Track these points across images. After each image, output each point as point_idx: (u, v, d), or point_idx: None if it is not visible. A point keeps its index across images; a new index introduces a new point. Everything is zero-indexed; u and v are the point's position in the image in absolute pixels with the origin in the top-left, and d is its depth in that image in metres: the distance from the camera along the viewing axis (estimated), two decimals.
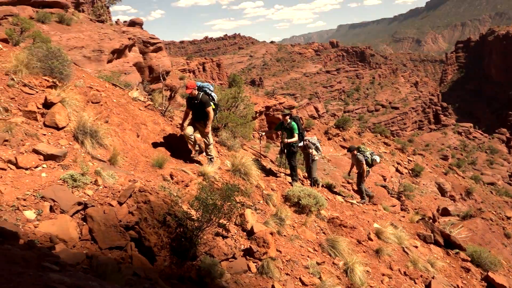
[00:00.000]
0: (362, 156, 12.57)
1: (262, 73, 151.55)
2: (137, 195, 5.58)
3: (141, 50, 39.48)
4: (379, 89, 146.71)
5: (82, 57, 27.97)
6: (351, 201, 12.28)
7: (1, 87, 6.99)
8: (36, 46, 9.00)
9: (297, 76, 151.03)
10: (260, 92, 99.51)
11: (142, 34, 41.82)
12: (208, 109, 8.63)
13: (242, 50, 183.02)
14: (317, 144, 12.46)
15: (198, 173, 8.07)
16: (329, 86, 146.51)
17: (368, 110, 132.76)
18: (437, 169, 44.30)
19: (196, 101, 8.73)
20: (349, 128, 44.52)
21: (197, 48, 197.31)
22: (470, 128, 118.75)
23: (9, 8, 26.75)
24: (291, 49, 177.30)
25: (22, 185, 5.25)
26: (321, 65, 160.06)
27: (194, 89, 8.70)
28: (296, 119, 11.13)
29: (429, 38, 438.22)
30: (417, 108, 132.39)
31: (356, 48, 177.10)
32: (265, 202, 8.68)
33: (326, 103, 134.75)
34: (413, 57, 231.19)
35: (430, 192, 32.58)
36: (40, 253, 3.45)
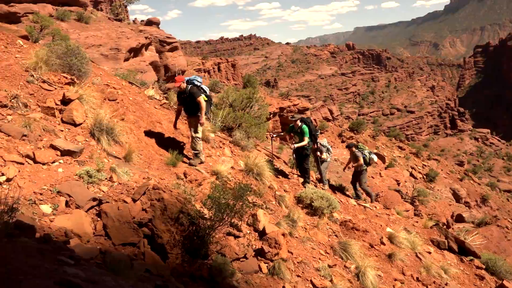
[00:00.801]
0: (361, 153, 12.46)
1: (277, 74, 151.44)
2: (151, 193, 5.63)
3: (157, 49, 39.83)
4: (395, 92, 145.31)
5: (100, 55, 28.34)
6: (364, 204, 12.17)
7: (21, 83, 7.12)
8: (56, 43, 9.16)
9: (312, 78, 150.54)
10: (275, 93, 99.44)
11: (159, 33, 42.18)
12: (198, 99, 8.23)
13: (257, 51, 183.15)
14: (328, 146, 12.44)
15: (211, 172, 8.10)
16: (344, 89, 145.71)
17: (383, 113, 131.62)
18: (452, 175, 43.71)
19: (185, 94, 8.42)
20: (363, 131, 44.28)
21: (212, 48, 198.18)
22: (487, 134, 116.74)
23: (30, 6, 27.28)
24: (307, 50, 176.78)
25: (39, 179, 5.34)
26: (337, 67, 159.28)
27: (182, 82, 8.39)
28: (307, 122, 10.93)
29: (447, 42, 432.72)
30: (433, 112, 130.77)
31: (372, 51, 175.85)
32: (278, 203, 8.67)
33: (341, 105, 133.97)
34: (430, 61, 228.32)
35: (445, 198, 32.14)
36: (55, 247, 3.50)
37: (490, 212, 36.17)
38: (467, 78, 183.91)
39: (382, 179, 26.92)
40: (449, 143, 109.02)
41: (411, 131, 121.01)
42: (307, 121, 10.94)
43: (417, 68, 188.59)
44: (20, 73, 7.39)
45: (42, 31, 18.48)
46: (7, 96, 6.53)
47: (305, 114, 42.98)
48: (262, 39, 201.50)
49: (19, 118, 6.26)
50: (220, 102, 14.59)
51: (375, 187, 21.66)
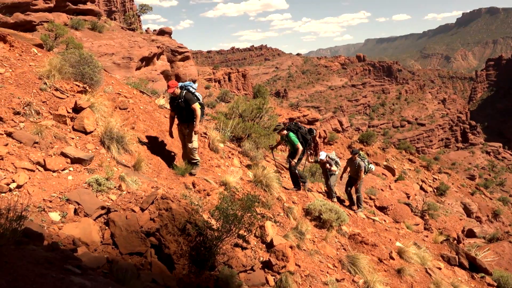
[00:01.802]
0: (363, 163, 12.12)
1: (287, 85, 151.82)
2: (159, 202, 5.63)
3: (169, 58, 40.23)
4: (405, 104, 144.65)
5: (112, 63, 28.69)
6: (374, 217, 12.05)
7: (34, 91, 7.21)
8: (69, 52, 9.28)
9: (322, 89, 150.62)
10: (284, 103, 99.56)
11: (171, 43, 42.64)
12: (193, 105, 7.91)
13: (268, 62, 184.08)
14: (336, 159, 12.33)
15: (219, 183, 8.09)
16: (354, 100, 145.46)
17: (393, 125, 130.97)
18: (463, 189, 43.15)
19: (180, 100, 8.01)
20: (373, 143, 43.98)
21: (223, 58, 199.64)
22: (499, 148, 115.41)
23: (45, 15, 27.78)
24: (317, 61, 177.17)
25: (49, 187, 5.37)
26: (347, 79, 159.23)
27: (176, 88, 8.03)
28: (292, 128, 10.59)
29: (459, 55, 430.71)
30: (444, 125, 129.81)
31: (383, 63, 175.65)
32: (286, 215, 8.62)
33: (351, 117, 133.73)
34: (441, 74, 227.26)
35: (455, 212, 31.72)
36: (63, 255, 3.50)
37: (502, 227, 35.57)
38: (479, 91, 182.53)
39: (391, 192, 26.67)
40: (460, 156, 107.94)
41: (422, 144, 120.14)
42: (293, 128, 10.63)
43: (428, 80, 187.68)
44: (34, 80, 7.48)
45: (56, 40, 18.82)
46: (20, 103, 6.61)
47: (314, 125, 42.93)
48: (273, 49, 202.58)
49: (31, 125, 6.32)
50: (230, 112, 14.63)
51: (384, 200, 21.43)
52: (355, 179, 12.03)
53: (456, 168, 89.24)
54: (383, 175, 31.59)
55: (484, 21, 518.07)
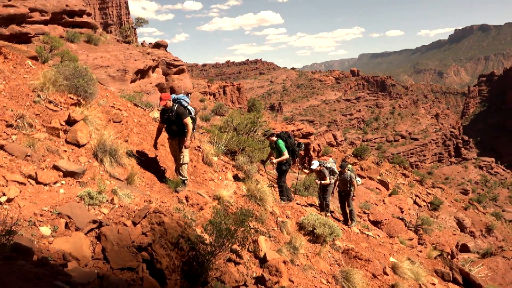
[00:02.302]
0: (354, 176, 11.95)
1: (282, 99, 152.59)
2: (152, 216, 5.57)
3: (164, 71, 40.34)
4: (399, 119, 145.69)
5: (107, 76, 28.70)
6: (367, 232, 12.01)
7: (27, 103, 7.19)
8: (64, 64, 9.28)
9: (317, 103, 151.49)
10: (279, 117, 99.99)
11: (166, 56, 42.80)
12: (185, 120, 7.70)
13: (263, 75, 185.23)
14: (332, 167, 12.05)
15: (213, 197, 8.05)
16: (348, 114, 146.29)
17: (387, 140, 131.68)
18: (457, 204, 43.27)
19: (171, 113, 7.79)
20: (367, 158, 44.12)
21: (218, 71, 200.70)
22: (492, 163, 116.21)
23: (41, 27, 27.84)
24: (312, 76, 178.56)
25: (40, 200, 5.31)
26: (341, 93, 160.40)
27: (169, 100, 7.84)
28: (283, 137, 10.51)
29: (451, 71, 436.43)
30: (438, 140, 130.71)
31: (377, 78, 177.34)
32: (279, 229, 8.57)
33: (345, 131, 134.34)
34: (434, 89, 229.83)
35: (449, 227, 31.73)
36: (52, 271, 3.45)
37: (496, 242, 35.61)
38: (471, 107, 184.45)
39: (385, 206, 26.66)
40: (454, 171, 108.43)
41: (415, 158, 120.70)
42: (283, 136, 10.55)
43: (422, 95, 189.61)
44: (27, 93, 7.46)
45: (51, 52, 18.82)
46: (13, 115, 6.57)
47: (309, 139, 43.04)
48: (268, 63, 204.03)
49: (24, 138, 6.28)
50: (224, 125, 14.64)
51: (378, 214, 21.44)
52: (347, 194, 11.88)
53: (450, 183, 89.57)
54: (377, 190, 31.61)
55: (476, 37, 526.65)
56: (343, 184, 11.96)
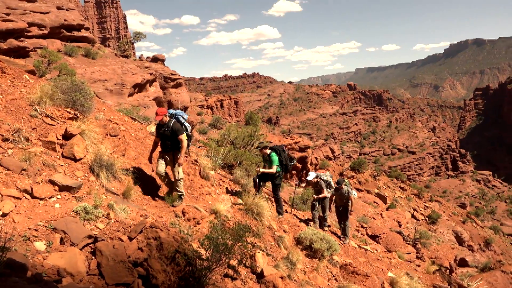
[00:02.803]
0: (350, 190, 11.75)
1: (279, 112, 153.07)
2: (148, 231, 5.53)
3: (161, 85, 40.47)
4: (396, 132, 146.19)
5: (105, 89, 28.77)
6: (365, 247, 11.94)
7: (24, 117, 7.18)
8: (61, 78, 9.31)
9: (314, 117, 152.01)
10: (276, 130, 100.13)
11: (164, 70, 43.00)
12: (180, 137, 7.65)
13: (260, 89, 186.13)
14: (329, 181, 11.79)
15: (210, 211, 8.00)
16: (346, 128, 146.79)
17: (384, 153, 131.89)
18: (455, 217, 43.19)
19: (167, 128, 7.73)
20: (365, 171, 44.14)
21: (216, 85, 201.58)
22: (489, 176, 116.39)
23: (39, 41, 27.96)
24: (309, 89, 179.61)
25: (35, 215, 5.27)
26: (338, 107, 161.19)
27: (165, 116, 7.76)
28: (277, 150, 10.32)
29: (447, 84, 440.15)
30: (435, 153, 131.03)
31: (374, 91, 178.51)
32: (277, 244, 8.51)
33: (342, 144, 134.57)
34: (430, 103, 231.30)
35: (447, 241, 31.60)
36: (46, 287, 3.40)
37: (494, 256, 35.46)
38: (467, 120, 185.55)
39: (383, 220, 26.56)
40: (451, 184, 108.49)
41: (413, 172, 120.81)
42: (277, 149, 10.36)
43: (418, 109, 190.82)
44: (24, 107, 7.46)
45: (49, 66, 18.87)
46: (9, 129, 6.56)
47: (306, 152, 43.05)
48: (265, 77, 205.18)
49: (20, 152, 6.26)
50: (222, 139, 14.65)
51: (376, 228, 21.34)
52: (345, 209, 11.71)
53: (447, 196, 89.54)
54: (375, 203, 31.53)
55: (471, 52, 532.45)
56: (340, 199, 11.79)
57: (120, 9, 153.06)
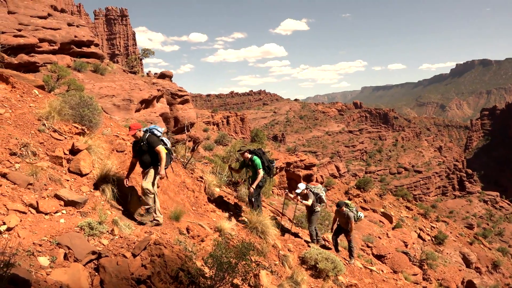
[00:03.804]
0: (352, 213, 11.28)
1: (285, 129, 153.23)
2: (152, 248, 5.50)
3: (168, 101, 40.76)
4: (402, 151, 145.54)
5: (112, 105, 29.01)
6: (371, 267, 11.78)
7: (32, 132, 7.24)
8: (70, 93, 9.41)
9: (319, 134, 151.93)
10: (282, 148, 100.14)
11: (171, 86, 43.35)
12: (157, 148, 7.07)
13: (266, 106, 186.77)
14: (320, 194, 11.19)
15: (214, 228, 7.96)
16: (351, 146, 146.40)
17: (390, 172, 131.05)
18: (462, 238, 42.57)
19: (142, 143, 7.17)
20: (370, 190, 43.84)
21: (222, 102, 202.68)
22: (497, 197, 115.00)
23: (49, 57, 28.36)
24: (315, 107, 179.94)
25: (40, 230, 5.27)
26: (344, 125, 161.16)
27: (138, 130, 7.21)
28: (258, 153, 9.91)
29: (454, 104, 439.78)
30: (441, 173, 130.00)
31: (380, 110, 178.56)
32: (281, 263, 8.42)
33: (348, 162, 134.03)
34: (437, 122, 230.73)
35: (454, 262, 31.09)
36: None
37: (503, 279, 34.79)
38: (474, 140, 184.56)
39: (389, 240, 26.25)
40: (458, 205, 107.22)
41: (419, 191, 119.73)
42: (258, 152, 9.97)
43: (424, 128, 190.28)
44: (33, 121, 7.53)
45: (58, 81, 19.12)
46: (17, 144, 6.61)
47: (312, 170, 42.91)
48: (271, 94, 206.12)
49: (27, 167, 6.29)
50: (227, 155, 14.65)
51: (382, 248, 21.07)
52: (346, 230, 11.35)
53: (454, 217, 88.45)
54: (381, 222, 31.21)
55: (477, 72, 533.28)
56: (342, 220, 11.46)
57: (130, 26, 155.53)
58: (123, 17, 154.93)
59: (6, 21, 26.38)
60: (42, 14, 30.47)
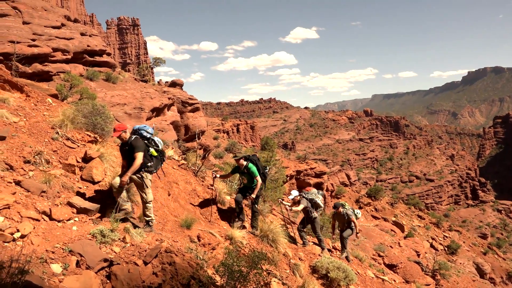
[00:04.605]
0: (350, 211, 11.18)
1: (295, 137, 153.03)
2: (163, 256, 5.51)
3: (179, 109, 41.04)
4: (413, 160, 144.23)
5: (124, 113, 29.29)
6: (383, 277, 11.64)
7: (46, 140, 7.34)
8: (83, 102, 9.54)
9: (330, 142, 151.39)
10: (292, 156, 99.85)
11: (182, 94, 43.67)
12: (136, 154, 6.48)
13: (276, 114, 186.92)
14: (315, 199, 10.71)
15: (225, 237, 7.95)
16: (362, 154, 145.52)
17: (401, 180, 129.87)
18: (475, 248, 41.90)
19: (126, 147, 6.67)
20: (381, 198, 43.47)
21: (232, 110, 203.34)
22: (511, 206, 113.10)
23: (62, 66, 28.83)
24: (325, 115, 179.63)
25: (53, 237, 5.31)
26: (354, 133, 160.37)
27: (123, 132, 6.68)
28: (253, 160, 9.45)
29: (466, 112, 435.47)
30: (453, 181, 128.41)
31: (390, 118, 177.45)
32: (292, 271, 8.36)
33: (358, 170, 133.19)
34: (449, 130, 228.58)
35: (468, 273, 30.57)
36: None
37: None
38: (487, 148, 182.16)
39: (401, 249, 25.92)
40: (471, 214, 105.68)
41: (431, 200, 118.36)
42: (253, 159, 9.49)
43: (436, 136, 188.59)
44: (46, 130, 7.64)
45: (71, 89, 19.38)
46: (31, 152, 6.70)
47: (322, 178, 42.70)
48: (281, 102, 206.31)
49: (40, 174, 6.37)
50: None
51: (393, 257, 20.81)
52: (350, 229, 11.24)
53: (467, 226, 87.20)
54: (392, 231, 30.87)
55: (489, 79, 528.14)
56: (341, 222, 11.41)
57: (141, 35, 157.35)
58: (134, 27, 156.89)
59: (21, 31, 26.89)
60: (56, 24, 31.01)
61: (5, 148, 6.49)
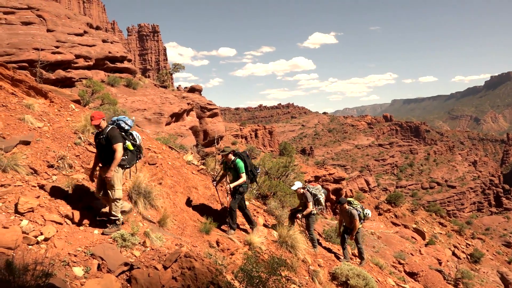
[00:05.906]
0: (356, 210, 10.54)
1: (313, 143, 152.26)
2: (182, 260, 5.53)
3: (198, 114, 41.37)
4: (434, 166, 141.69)
5: (144, 118, 29.69)
6: (404, 285, 11.42)
7: (69, 145, 7.48)
8: (104, 108, 9.70)
9: (349, 148, 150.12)
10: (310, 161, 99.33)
11: (200, 100, 44.05)
12: (115, 146, 6.01)
13: (294, 119, 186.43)
14: (318, 196, 10.36)
15: (244, 242, 7.94)
16: (381, 160, 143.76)
17: (422, 187, 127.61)
18: (499, 257, 40.80)
19: (102, 136, 6.14)
20: (402, 205, 42.79)
21: (251, 115, 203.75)
22: None
23: (84, 72, 29.45)
24: (344, 120, 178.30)
25: (75, 240, 5.40)
26: (374, 138, 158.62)
27: (102, 120, 6.23)
28: (241, 156, 8.86)
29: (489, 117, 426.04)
30: (476, 188, 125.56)
31: (411, 123, 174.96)
32: (311, 278, 8.28)
33: (378, 176, 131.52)
34: (471, 135, 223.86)
35: (492, 282, 29.75)
36: None
37: None
38: (511, 155, 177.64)
39: (422, 257, 25.43)
40: (495, 221, 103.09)
41: (453, 207, 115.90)
42: (242, 155, 8.90)
43: (458, 142, 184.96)
44: (69, 135, 7.79)
45: (93, 95, 19.77)
46: (55, 156, 6.84)
47: (341, 184, 42.34)
48: (300, 108, 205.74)
49: (63, 178, 6.49)
50: None
51: (414, 265, 20.43)
52: (351, 229, 10.65)
53: (491, 234, 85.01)
54: (413, 239, 30.31)
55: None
56: (346, 220, 10.77)
57: (161, 41, 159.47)
58: (154, 33, 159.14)
59: (45, 39, 27.58)
60: (79, 32, 31.72)
61: (29, 153, 6.64)
